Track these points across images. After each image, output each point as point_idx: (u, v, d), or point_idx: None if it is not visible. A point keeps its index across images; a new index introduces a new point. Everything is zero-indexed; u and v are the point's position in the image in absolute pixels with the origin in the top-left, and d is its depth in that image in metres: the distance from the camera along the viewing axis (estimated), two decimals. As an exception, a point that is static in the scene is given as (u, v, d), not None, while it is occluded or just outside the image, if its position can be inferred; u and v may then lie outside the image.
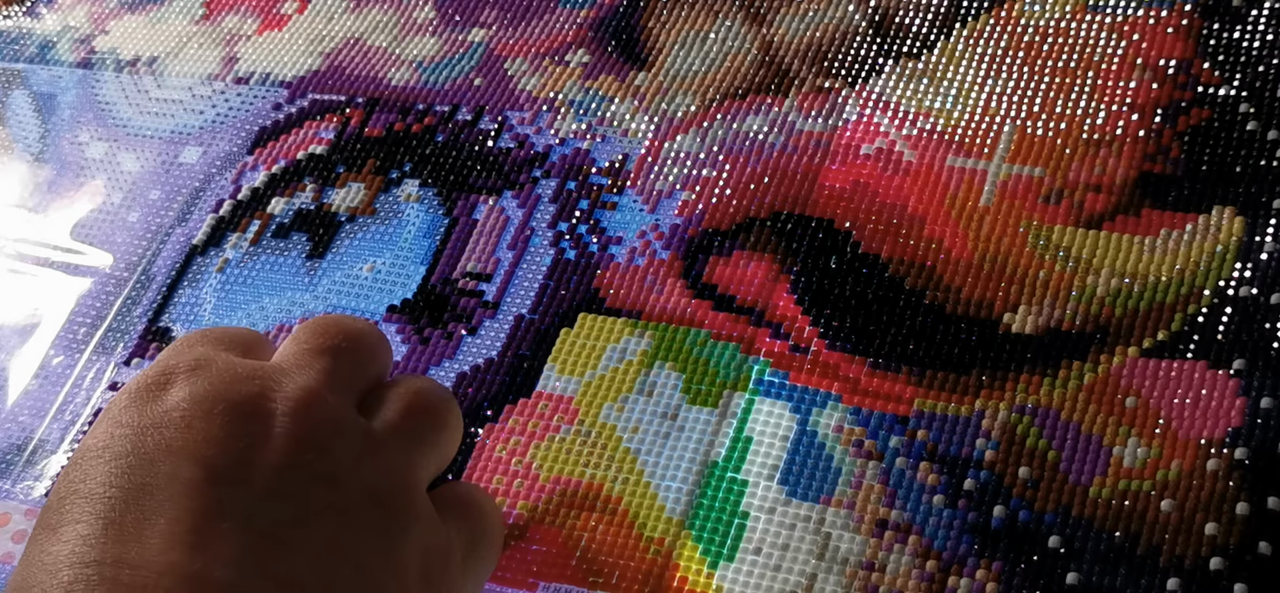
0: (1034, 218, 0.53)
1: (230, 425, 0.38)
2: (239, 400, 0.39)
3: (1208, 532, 0.44)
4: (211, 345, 0.43)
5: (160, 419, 0.38)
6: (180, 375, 0.40)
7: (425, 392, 0.44)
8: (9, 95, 0.69)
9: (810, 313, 0.52)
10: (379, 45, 0.66)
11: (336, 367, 0.42)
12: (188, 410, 0.38)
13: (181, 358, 0.41)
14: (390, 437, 0.42)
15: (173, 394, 0.39)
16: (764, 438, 0.49)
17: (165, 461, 0.37)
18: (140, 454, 0.37)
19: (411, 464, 0.42)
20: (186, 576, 0.34)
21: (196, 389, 0.39)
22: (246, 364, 0.41)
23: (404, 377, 0.45)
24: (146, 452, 0.37)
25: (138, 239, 0.62)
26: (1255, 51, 0.55)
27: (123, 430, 0.38)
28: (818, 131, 0.58)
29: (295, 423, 0.39)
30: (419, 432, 0.43)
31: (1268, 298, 0.49)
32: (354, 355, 0.43)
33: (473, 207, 0.59)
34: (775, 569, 0.46)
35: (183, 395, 0.39)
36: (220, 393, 0.39)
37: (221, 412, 0.38)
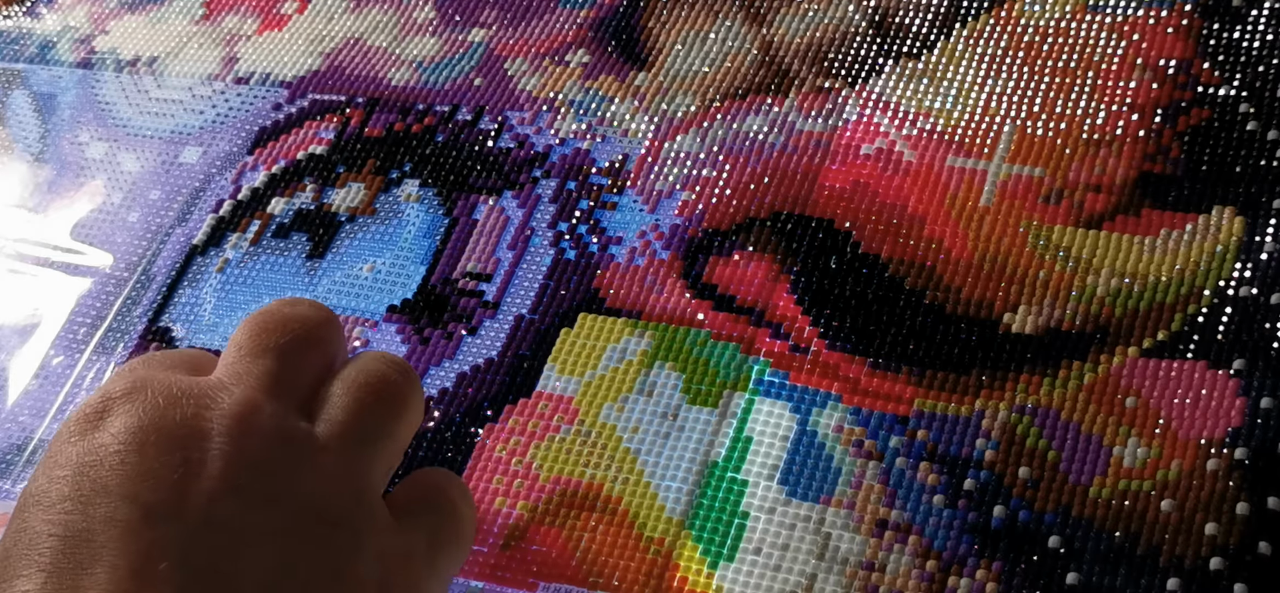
0: (1034, 218, 0.53)
1: (163, 456, 0.37)
2: (172, 427, 0.38)
3: (1208, 532, 0.44)
4: (152, 367, 0.41)
5: (95, 457, 0.37)
6: (116, 404, 0.39)
7: (374, 381, 0.42)
8: (9, 95, 0.69)
9: (810, 313, 0.52)
10: (379, 45, 0.66)
11: (278, 369, 0.41)
12: (122, 445, 0.37)
13: (119, 384, 0.39)
14: (335, 441, 0.40)
15: (108, 427, 0.38)
16: (764, 438, 0.49)
17: (101, 502, 0.36)
18: (77, 498, 0.36)
19: (360, 468, 0.40)
20: None
21: (130, 420, 0.38)
22: (181, 383, 0.39)
23: (354, 363, 0.43)
24: (83, 495, 0.36)
25: (138, 239, 0.62)
26: (1255, 51, 0.55)
27: (61, 472, 0.37)
28: (818, 131, 0.58)
29: (231, 444, 0.38)
30: (367, 430, 0.41)
31: (1268, 298, 0.49)
32: (296, 353, 0.42)
33: (473, 207, 0.59)
34: (775, 569, 0.46)
35: (118, 428, 0.38)
36: (153, 421, 0.38)
37: (154, 443, 0.37)
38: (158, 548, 0.35)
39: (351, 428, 0.41)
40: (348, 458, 0.40)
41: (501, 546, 0.49)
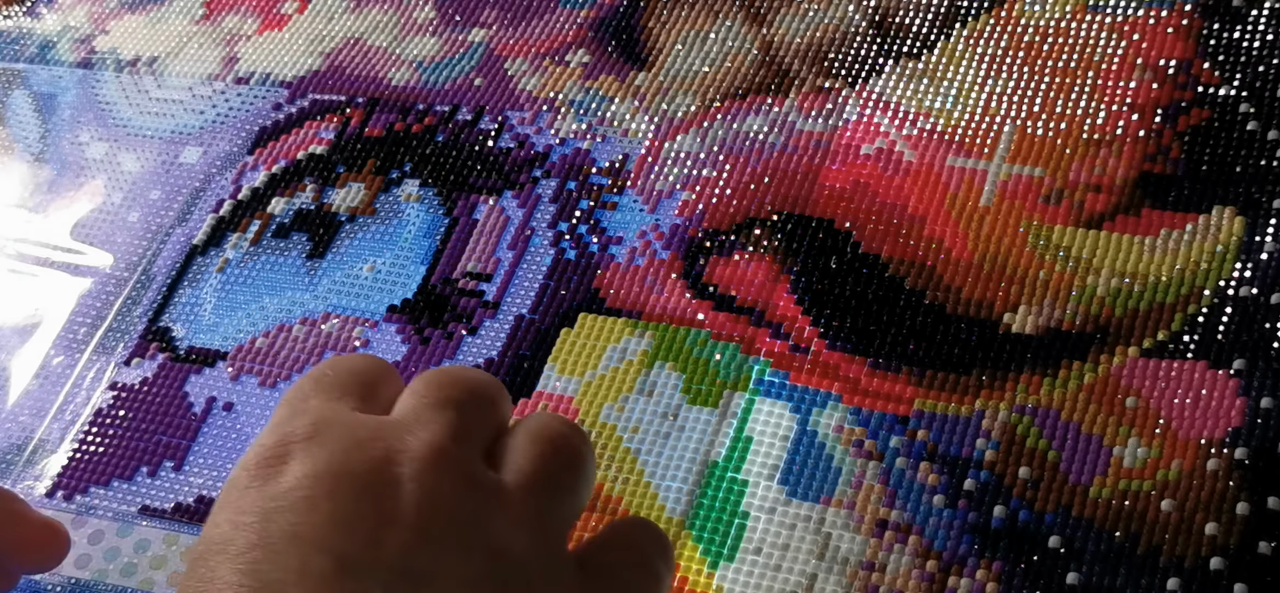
0: (1034, 218, 0.53)
1: (355, 503, 0.36)
2: (361, 472, 0.37)
3: (1208, 532, 0.44)
4: (327, 396, 0.40)
5: (282, 502, 0.36)
6: (298, 446, 0.37)
7: (556, 434, 0.41)
8: (9, 95, 0.69)
9: (810, 313, 0.52)
10: (379, 45, 0.66)
11: (460, 419, 0.39)
12: (310, 490, 0.36)
13: (297, 424, 0.38)
14: (523, 490, 0.39)
15: (292, 470, 0.37)
16: (764, 438, 0.49)
17: (293, 551, 0.35)
18: (266, 547, 0.35)
19: (547, 517, 0.39)
20: None
21: (317, 464, 0.37)
22: (366, 425, 0.38)
23: (531, 419, 0.42)
24: (273, 543, 0.35)
25: (138, 239, 0.62)
26: (1255, 51, 0.55)
27: (246, 518, 0.36)
28: (818, 132, 0.58)
29: (422, 490, 0.37)
30: (553, 479, 0.40)
31: (1268, 298, 0.49)
32: (474, 407, 0.40)
33: (473, 207, 0.59)
34: (775, 569, 0.46)
35: (304, 472, 0.36)
36: (341, 466, 0.37)
37: (345, 489, 0.36)
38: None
39: (539, 477, 0.39)
40: (536, 506, 0.39)
41: (502, 546, 0.49)
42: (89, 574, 0.52)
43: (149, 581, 0.51)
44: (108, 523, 0.53)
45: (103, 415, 0.56)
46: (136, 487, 0.54)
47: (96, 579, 0.51)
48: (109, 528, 0.53)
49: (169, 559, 0.51)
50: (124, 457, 0.55)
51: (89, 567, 0.52)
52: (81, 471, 0.55)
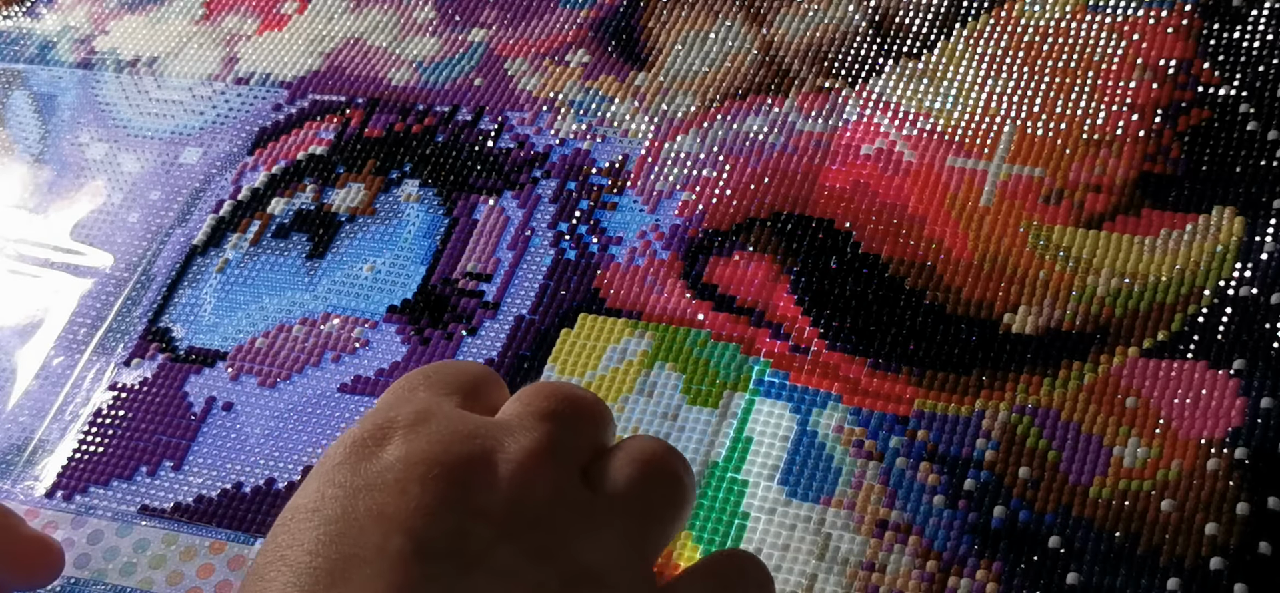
0: (1034, 218, 0.53)
1: (446, 492, 0.36)
2: (457, 464, 0.37)
3: (1208, 532, 0.44)
4: (435, 390, 0.40)
5: (374, 481, 0.36)
6: (399, 430, 0.38)
7: (659, 459, 0.40)
8: (9, 96, 0.69)
9: (810, 313, 0.52)
10: (379, 45, 0.66)
11: (561, 432, 0.39)
12: (402, 474, 0.36)
13: (402, 409, 0.38)
14: (616, 511, 0.39)
15: (389, 452, 0.37)
16: (764, 438, 0.49)
17: (375, 528, 0.35)
18: (350, 519, 0.35)
19: (637, 541, 0.39)
20: None
21: (414, 449, 0.37)
22: (469, 421, 0.38)
23: (634, 440, 0.41)
24: (357, 518, 0.35)
25: (138, 239, 0.62)
26: (1255, 51, 0.55)
27: (334, 491, 0.36)
28: (818, 132, 0.58)
29: (513, 490, 0.37)
30: (649, 506, 0.39)
31: (1268, 298, 0.49)
32: (578, 422, 0.40)
33: (473, 207, 0.59)
34: (775, 570, 0.46)
35: (399, 455, 0.37)
36: (438, 455, 0.37)
37: (437, 477, 0.36)
38: (426, 584, 0.34)
39: (634, 501, 0.39)
40: (624, 527, 0.38)
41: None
42: (88, 574, 0.52)
43: (148, 580, 0.51)
44: (107, 523, 0.53)
45: (102, 416, 0.56)
46: (136, 487, 0.54)
47: (96, 578, 0.51)
48: (108, 528, 0.53)
49: (168, 559, 0.51)
50: (124, 457, 0.55)
51: (88, 566, 0.52)
52: (81, 471, 0.55)
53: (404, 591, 0.34)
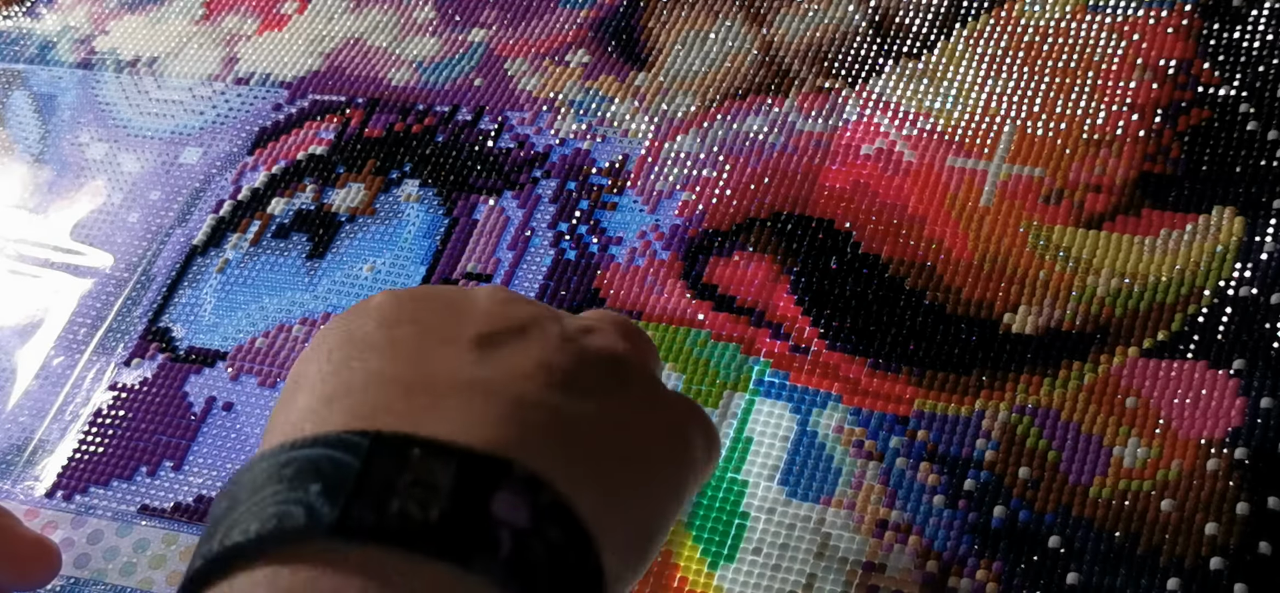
0: (1034, 218, 0.53)
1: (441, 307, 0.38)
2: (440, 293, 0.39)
3: (1208, 532, 0.44)
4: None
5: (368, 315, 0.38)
6: (377, 295, 0.40)
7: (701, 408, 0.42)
8: (9, 96, 0.69)
9: (810, 313, 0.52)
10: (379, 45, 0.66)
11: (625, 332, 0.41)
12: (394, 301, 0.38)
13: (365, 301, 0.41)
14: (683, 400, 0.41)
15: (374, 300, 0.39)
16: (764, 438, 0.49)
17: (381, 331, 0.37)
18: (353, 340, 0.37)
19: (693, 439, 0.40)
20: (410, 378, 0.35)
21: (398, 295, 0.39)
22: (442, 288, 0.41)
23: None
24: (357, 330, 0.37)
25: (138, 240, 0.62)
26: (1255, 51, 0.55)
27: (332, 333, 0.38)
28: (818, 132, 0.58)
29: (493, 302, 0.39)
30: (709, 431, 0.41)
31: (1268, 298, 0.49)
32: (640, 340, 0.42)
33: (473, 207, 0.59)
34: (775, 569, 0.46)
35: (383, 298, 0.39)
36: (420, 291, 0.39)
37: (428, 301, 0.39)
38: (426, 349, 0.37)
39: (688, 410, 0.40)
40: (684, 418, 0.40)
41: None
42: (88, 574, 0.52)
43: (148, 580, 0.51)
44: (107, 522, 0.53)
45: (102, 416, 0.56)
46: (136, 486, 0.54)
47: (95, 578, 0.51)
48: (108, 528, 0.53)
49: (168, 558, 0.51)
50: (123, 457, 0.55)
51: (88, 566, 0.52)
52: (81, 471, 0.55)
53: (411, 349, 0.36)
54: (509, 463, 0.32)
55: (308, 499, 0.31)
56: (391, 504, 0.31)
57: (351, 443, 0.32)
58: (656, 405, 0.39)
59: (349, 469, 0.31)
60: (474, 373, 0.35)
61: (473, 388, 0.34)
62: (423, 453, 0.31)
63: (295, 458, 0.32)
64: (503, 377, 0.35)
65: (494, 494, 0.31)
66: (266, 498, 0.31)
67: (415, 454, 0.31)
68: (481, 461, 0.32)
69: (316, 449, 0.32)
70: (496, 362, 0.36)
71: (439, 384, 0.35)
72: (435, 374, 0.35)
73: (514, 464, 0.32)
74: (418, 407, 0.34)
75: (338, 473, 0.31)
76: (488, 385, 0.35)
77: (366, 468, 0.31)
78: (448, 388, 0.34)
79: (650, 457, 0.38)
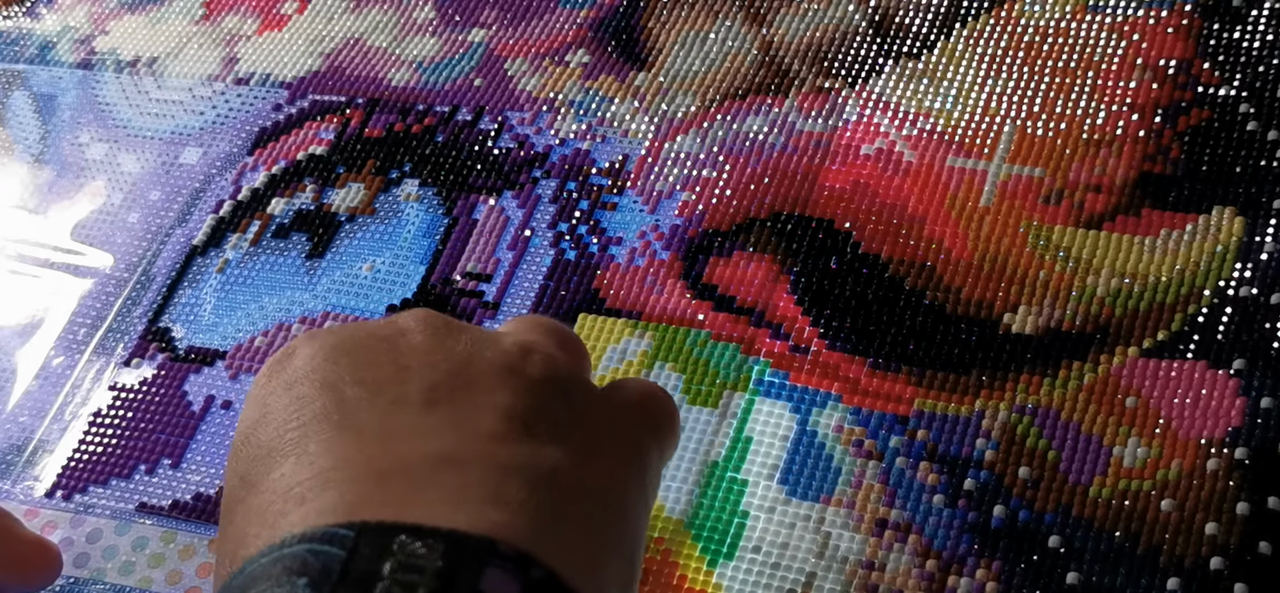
0: (1034, 218, 0.53)
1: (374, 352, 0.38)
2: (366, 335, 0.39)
3: (1208, 532, 0.44)
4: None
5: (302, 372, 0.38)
6: (297, 342, 0.40)
7: (656, 388, 0.43)
8: (9, 96, 0.69)
9: (810, 313, 0.52)
10: (379, 45, 0.66)
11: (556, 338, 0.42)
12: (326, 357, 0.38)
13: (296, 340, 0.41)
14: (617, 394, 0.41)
15: (301, 353, 0.39)
16: (764, 438, 0.49)
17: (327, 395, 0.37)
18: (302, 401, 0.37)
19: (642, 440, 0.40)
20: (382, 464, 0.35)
21: (324, 342, 0.39)
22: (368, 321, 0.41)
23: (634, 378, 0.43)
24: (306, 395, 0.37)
25: (138, 240, 0.62)
26: (1255, 51, 0.55)
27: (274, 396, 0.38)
28: (818, 132, 0.58)
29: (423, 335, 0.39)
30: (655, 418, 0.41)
31: (1268, 298, 0.49)
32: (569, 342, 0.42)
33: (473, 207, 0.59)
34: (775, 568, 0.46)
35: (312, 350, 0.39)
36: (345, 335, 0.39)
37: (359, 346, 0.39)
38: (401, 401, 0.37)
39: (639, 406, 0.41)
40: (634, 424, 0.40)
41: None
42: (87, 573, 0.52)
43: (147, 579, 0.51)
44: (106, 521, 0.53)
45: (102, 415, 0.56)
46: (134, 485, 0.54)
47: (95, 578, 0.51)
48: (107, 526, 0.53)
49: (166, 557, 0.51)
50: (123, 456, 0.55)
51: (88, 565, 0.52)
52: (81, 470, 0.55)
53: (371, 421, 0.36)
54: (493, 542, 0.32)
55: (294, 591, 0.31)
56: (376, 587, 0.31)
57: (337, 537, 0.32)
58: (602, 421, 0.39)
59: (335, 560, 0.31)
60: (439, 445, 0.35)
61: (443, 463, 0.35)
62: (408, 537, 0.32)
63: (283, 557, 0.32)
64: (467, 442, 0.35)
65: (483, 573, 0.31)
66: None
67: (401, 540, 0.32)
68: (467, 541, 0.32)
69: (302, 547, 0.32)
70: (454, 423, 0.36)
71: (409, 465, 0.35)
72: (401, 453, 0.35)
73: (499, 543, 0.32)
74: (397, 495, 0.34)
75: (323, 565, 0.31)
76: (456, 457, 0.35)
77: (351, 558, 0.31)
78: (419, 468, 0.35)
79: (614, 482, 0.38)
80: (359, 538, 0.32)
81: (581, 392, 0.39)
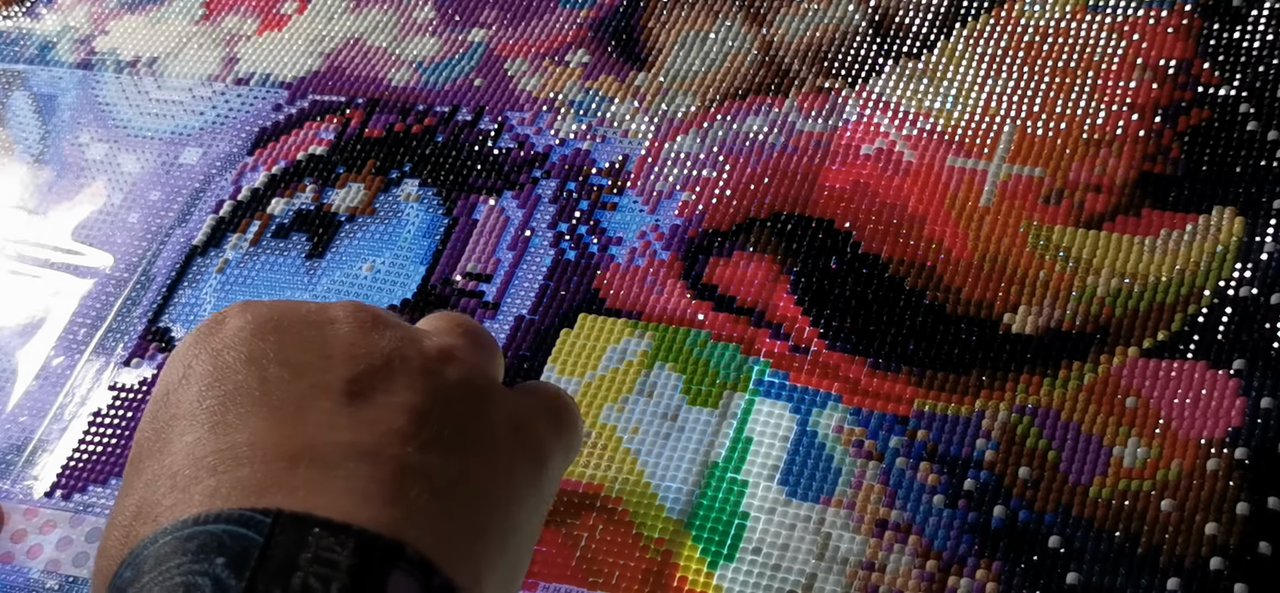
0: (1034, 218, 0.53)
1: (301, 332, 0.39)
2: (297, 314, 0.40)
3: (1208, 532, 0.44)
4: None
5: (231, 340, 0.39)
6: (230, 311, 0.40)
7: (560, 391, 0.44)
8: (9, 96, 0.69)
9: (810, 313, 0.52)
10: (379, 45, 0.66)
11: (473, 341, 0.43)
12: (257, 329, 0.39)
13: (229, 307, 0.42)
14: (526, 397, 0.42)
15: (231, 321, 0.40)
16: (764, 438, 0.49)
17: (251, 369, 0.38)
18: (225, 370, 0.38)
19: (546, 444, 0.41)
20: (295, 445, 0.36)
21: (257, 313, 0.40)
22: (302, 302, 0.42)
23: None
24: (229, 366, 0.38)
25: (138, 240, 0.62)
26: (1255, 51, 0.55)
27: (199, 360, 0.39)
28: (818, 132, 0.58)
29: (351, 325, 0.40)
30: (561, 422, 0.42)
31: (1268, 298, 0.49)
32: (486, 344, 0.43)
33: (473, 207, 0.59)
34: (775, 569, 0.46)
35: (244, 320, 0.40)
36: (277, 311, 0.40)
37: (288, 323, 0.39)
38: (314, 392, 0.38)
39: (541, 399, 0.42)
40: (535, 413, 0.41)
41: (501, 546, 0.49)
42: (87, 572, 0.52)
43: (148, 581, 0.51)
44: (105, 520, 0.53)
45: (102, 416, 0.56)
46: (136, 487, 0.54)
47: (95, 579, 0.51)
48: (108, 528, 0.53)
49: (168, 559, 0.51)
50: (123, 456, 0.55)
51: (87, 565, 0.52)
52: (80, 470, 0.55)
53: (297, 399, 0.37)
54: (401, 545, 0.34)
55: (213, 571, 0.32)
56: (294, 579, 0.32)
57: (253, 520, 0.33)
58: (510, 429, 0.40)
59: (252, 545, 0.33)
60: (351, 437, 0.37)
61: (354, 455, 0.36)
62: (322, 531, 0.33)
63: (199, 534, 0.33)
64: (378, 438, 0.37)
65: (389, 574, 0.33)
66: (171, 569, 0.33)
67: (315, 532, 0.33)
68: (376, 541, 0.34)
69: (219, 525, 0.34)
70: (369, 419, 0.37)
71: (322, 452, 0.36)
72: (314, 439, 0.36)
73: (406, 547, 0.34)
74: (307, 480, 0.35)
75: (241, 548, 0.33)
76: (366, 451, 0.36)
77: (269, 544, 0.33)
78: (331, 456, 0.36)
79: (511, 493, 0.39)
80: (275, 526, 0.33)
81: (494, 399, 0.41)
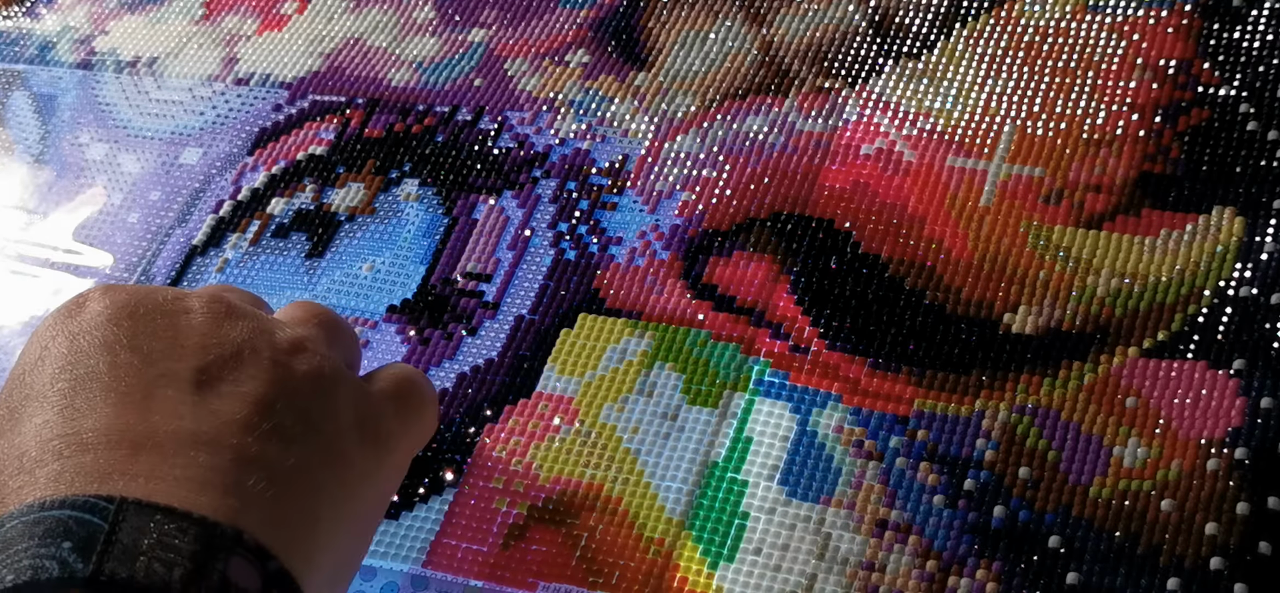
0: (1034, 218, 0.53)
1: (155, 321, 0.41)
2: (153, 301, 0.41)
3: (1208, 532, 0.44)
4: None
5: (88, 324, 0.40)
6: (91, 293, 0.42)
7: (413, 375, 0.46)
8: (9, 97, 0.69)
9: (810, 313, 0.52)
10: (379, 46, 0.66)
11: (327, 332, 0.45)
12: (113, 315, 0.41)
13: (91, 290, 0.43)
14: (377, 385, 0.44)
15: (91, 306, 0.41)
16: (764, 438, 0.49)
17: (103, 355, 0.39)
18: (79, 354, 0.39)
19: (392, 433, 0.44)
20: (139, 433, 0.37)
21: (116, 299, 0.41)
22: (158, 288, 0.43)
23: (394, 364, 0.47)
24: (84, 351, 0.40)
25: (138, 240, 0.62)
26: (1255, 51, 0.55)
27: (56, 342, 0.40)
28: (818, 132, 0.58)
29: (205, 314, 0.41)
30: (408, 406, 0.45)
31: (1268, 298, 0.49)
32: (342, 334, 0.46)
33: (473, 207, 0.59)
34: (775, 570, 0.46)
35: (103, 305, 0.41)
36: (136, 297, 0.41)
37: (144, 311, 0.41)
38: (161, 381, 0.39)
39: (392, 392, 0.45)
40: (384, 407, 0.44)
41: (501, 545, 0.49)
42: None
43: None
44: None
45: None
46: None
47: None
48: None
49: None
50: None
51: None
52: (81, 471, 0.55)
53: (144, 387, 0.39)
54: (240, 533, 0.35)
55: (60, 554, 0.34)
56: (139, 563, 0.34)
57: (97, 507, 0.35)
58: (354, 420, 0.42)
59: (98, 530, 0.34)
60: (194, 426, 0.38)
61: (195, 444, 0.37)
62: (164, 518, 0.35)
63: (45, 519, 0.35)
64: (220, 428, 0.38)
65: (229, 560, 0.35)
66: (19, 552, 0.34)
67: (157, 519, 0.35)
68: (216, 529, 0.35)
69: (65, 511, 0.35)
70: (213, 409, 0.39)
71: (165, 440, 0.37)
72: (158, 427, 0.38)
73: (243, 534, 0.35)
74: (148, 467, 0.37)
75: (87, 533, 0.34)
76: (207, 441, 0.38)
77: (114, 530, 0.34)
78: (172, 444, 0.37)
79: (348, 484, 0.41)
80: (119, 513, 0.35)
81: (340, 390, 0.42)
